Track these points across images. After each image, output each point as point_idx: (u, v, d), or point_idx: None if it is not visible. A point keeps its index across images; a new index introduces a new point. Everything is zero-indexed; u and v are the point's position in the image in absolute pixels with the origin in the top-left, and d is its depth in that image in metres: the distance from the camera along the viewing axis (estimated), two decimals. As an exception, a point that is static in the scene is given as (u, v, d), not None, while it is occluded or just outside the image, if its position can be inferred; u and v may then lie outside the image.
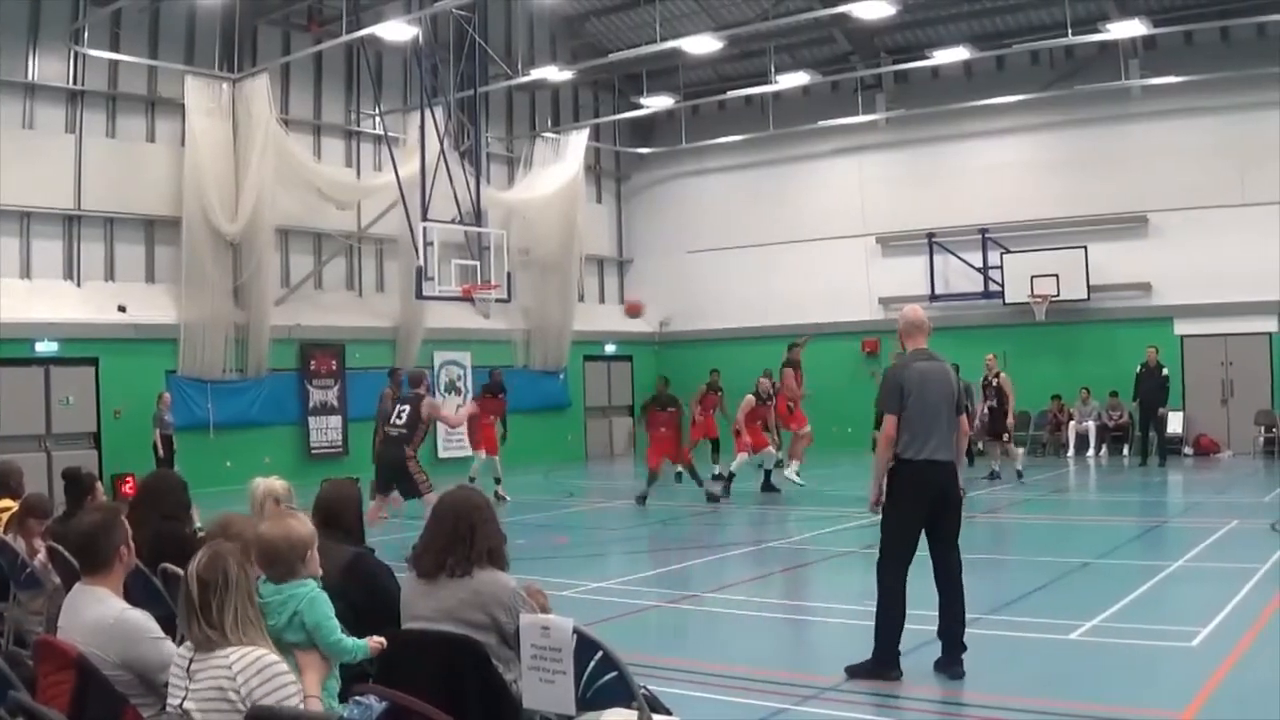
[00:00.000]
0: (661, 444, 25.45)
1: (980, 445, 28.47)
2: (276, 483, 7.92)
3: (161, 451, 26.16)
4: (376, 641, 5.92)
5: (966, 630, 10.24)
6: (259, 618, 5.18)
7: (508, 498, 25.49)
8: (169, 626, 6.07)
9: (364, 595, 6.67)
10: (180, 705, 4.93)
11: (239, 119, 29.95)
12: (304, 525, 5.97)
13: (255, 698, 4.81)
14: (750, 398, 25.36)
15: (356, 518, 7.71)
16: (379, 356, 33.29)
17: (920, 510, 10.29)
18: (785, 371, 26.66)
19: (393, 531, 17.59)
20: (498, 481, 25.79)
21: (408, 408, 19.49)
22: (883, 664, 10.08)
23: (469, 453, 32.00)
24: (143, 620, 5.99)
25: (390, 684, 5.77)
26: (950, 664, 10.15)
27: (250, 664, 4.86)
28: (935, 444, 10.18)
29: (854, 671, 10.11)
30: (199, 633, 4.97)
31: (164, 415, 26.61)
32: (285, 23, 32.68)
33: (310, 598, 5.71)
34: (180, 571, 7.51)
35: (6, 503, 10.28)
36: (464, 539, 6.36)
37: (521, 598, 6.30)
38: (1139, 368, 30.39)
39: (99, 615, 5.89)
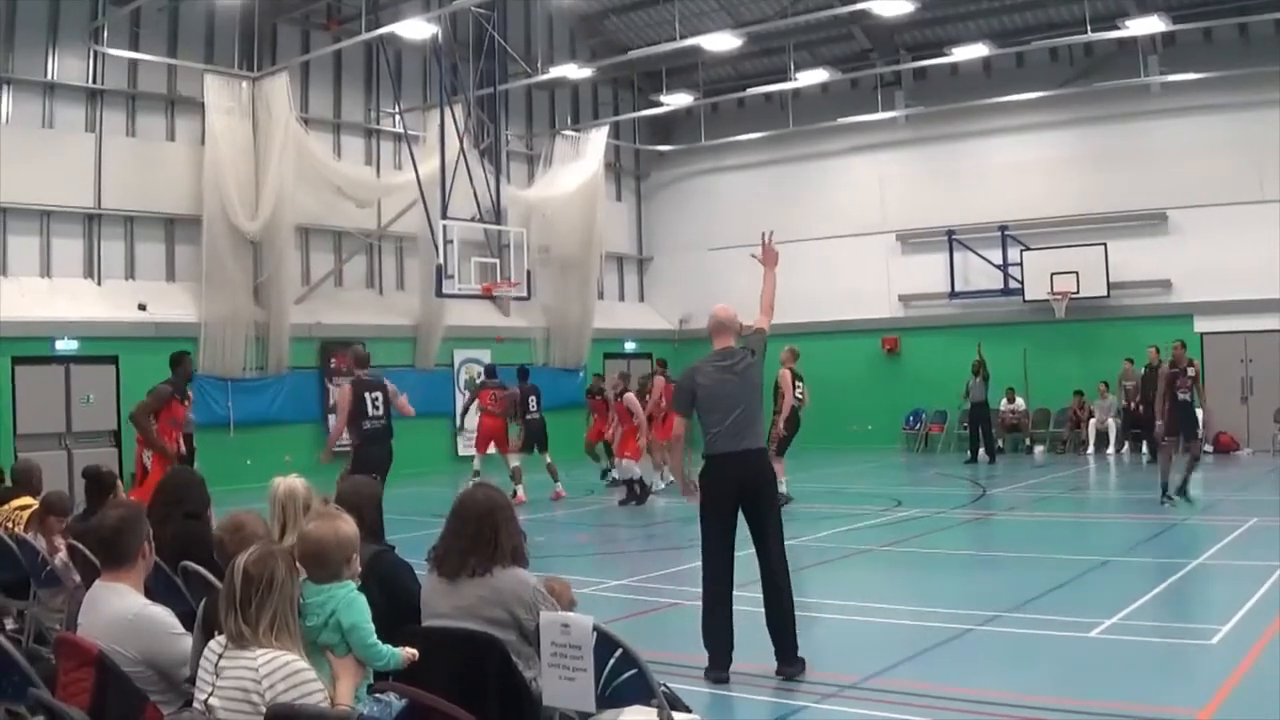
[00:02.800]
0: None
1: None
2: (297, 482, 7.90)
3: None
4: (409, 653, 5.90)
5: (799, 622, 10.11)
6: (296, 627, 5.13)
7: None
8: (189, 623, 6.09)
9: (384, 593, 6.68)
10: (206, 701, 4.93)
11: (259, 117, 30.02)
12: (351, 525, 5.90)
13: (279, 700, 4.81)
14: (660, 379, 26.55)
15: (376, 515, 7.71)
16: (399, 354, 33.38)
17: (725, 504, 10.44)
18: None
19: (413, 529, 17.60)
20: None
21: None
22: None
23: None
24: (162, 616, 6.00)
25: (410, 681, 5.79)
26: (783, 664, 10.21)
27: (277, 668, 4.83)
28: (731, 437, 10.39)
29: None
30: (233, 626, 4.94)
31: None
32: (304, 21, 32.73)
33: (349, 599, 5.68)
34: (201, 570, 7.57)
35: (26, 501, 10.33)
36: (488, 540, 6.37)
37: (542, 595, 6.31)
38: (1143, 369, 30.42)
39: (119, 611, 5.90)
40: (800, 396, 23.04)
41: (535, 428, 25.78)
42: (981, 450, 32.16)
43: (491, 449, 25.86)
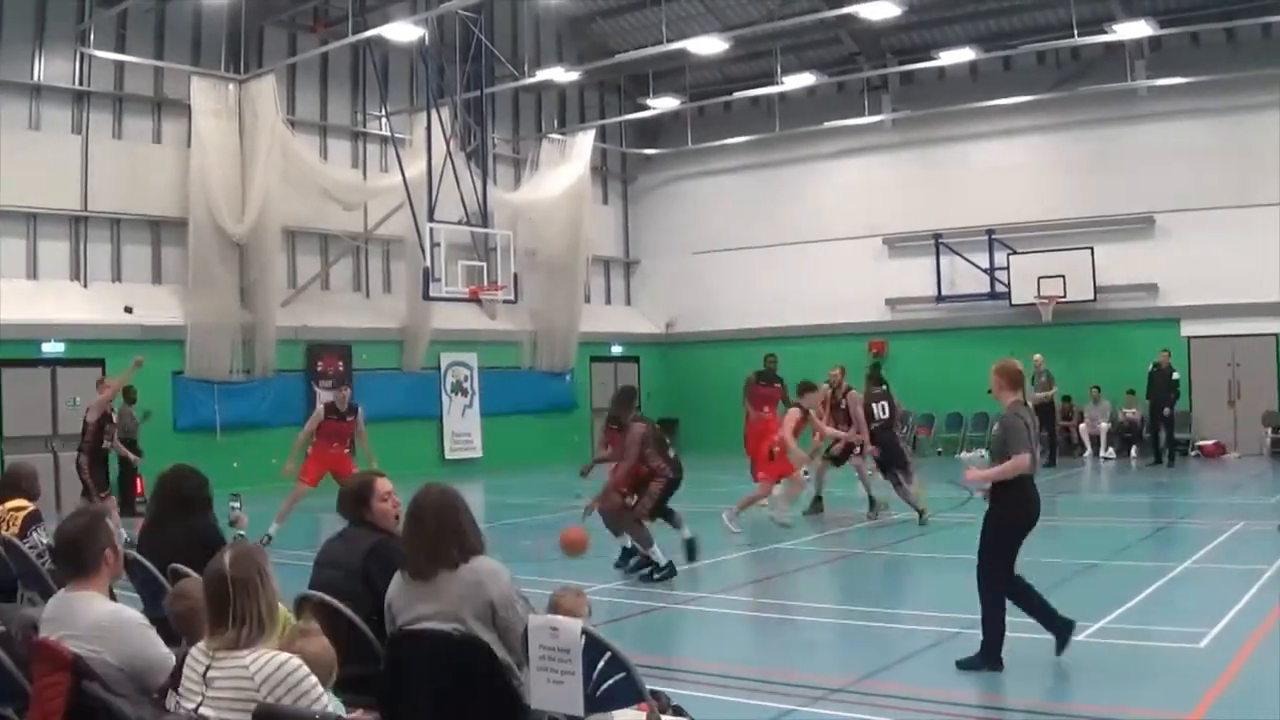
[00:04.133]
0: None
1: None
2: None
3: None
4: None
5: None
6: (276, 623, 5.13)
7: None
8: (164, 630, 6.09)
9: (387, 579, 6.67)
10: (196, 710, 4.89)
11: (245, 120, 30.00)
12: (323, 651, 5.45)
13: (278, 700, 4.78)
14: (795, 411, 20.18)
15: (366, 506, 7.62)
16: (386, 357, 33.41)
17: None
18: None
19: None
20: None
21: None
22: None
23: (475, 454, 32.35)
24: (139, 616, 6.01)
25: (396, 684, 5.78)
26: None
27: (273, 671, 4.80)
28: None
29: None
30: (230, 630, 4.91)
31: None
32: (291, 24, 32.70)
33: None
34: (192, 574, 7.54)
35: (21, 503, 10.30)
36: (446, 537, 6.32)
37: (518, 591, 6.26)
38: (1150, 368, 30.36)
39: (95, 616, 5.85)
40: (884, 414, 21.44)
41: None
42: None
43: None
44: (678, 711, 6.49)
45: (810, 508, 22.10)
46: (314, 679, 4.87)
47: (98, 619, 5.84)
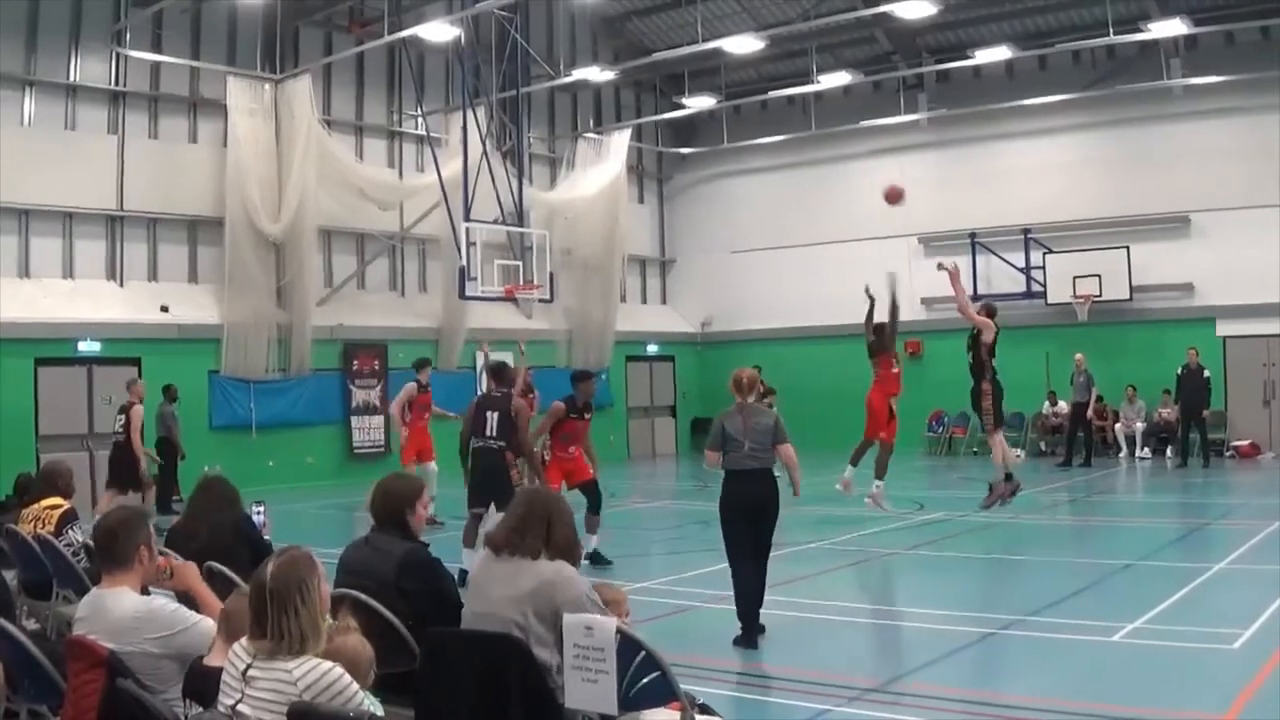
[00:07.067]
0: None
1: None
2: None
3: (162, 458, 25.73)
4: None
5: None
6: (321, 630, 5.10)
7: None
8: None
9: (422, 592, 6.69)
10: (234, 707, 4.90)
11: (281, 119, 30.06)
12: (361, 648, 5.53)
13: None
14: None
15: (397, 511, 7.54)
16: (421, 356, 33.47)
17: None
18: None
19: (433, 530, 17.56)
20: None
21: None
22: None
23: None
24: (172, 604, 6.05)
25: (432, 682, 5.80)
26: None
27: (317, 678, 4.81)
28: None
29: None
30: (267, 641, 4.93)
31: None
32: (327, 23, 32.75)
33: None
34: (225, 570, 7.58)
35: (56, 501, 10.37)
36: (530, 528, 6.36)
37: (594, 601, 6.24)
38: (1180, 369, 30.23)
39: (126, 610, 5.90)
40: None
41: None
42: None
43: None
44: (705, 710, 6.51)
45: None
46: (356, 686, 4.87)
47: (130, 613, 5.89)
